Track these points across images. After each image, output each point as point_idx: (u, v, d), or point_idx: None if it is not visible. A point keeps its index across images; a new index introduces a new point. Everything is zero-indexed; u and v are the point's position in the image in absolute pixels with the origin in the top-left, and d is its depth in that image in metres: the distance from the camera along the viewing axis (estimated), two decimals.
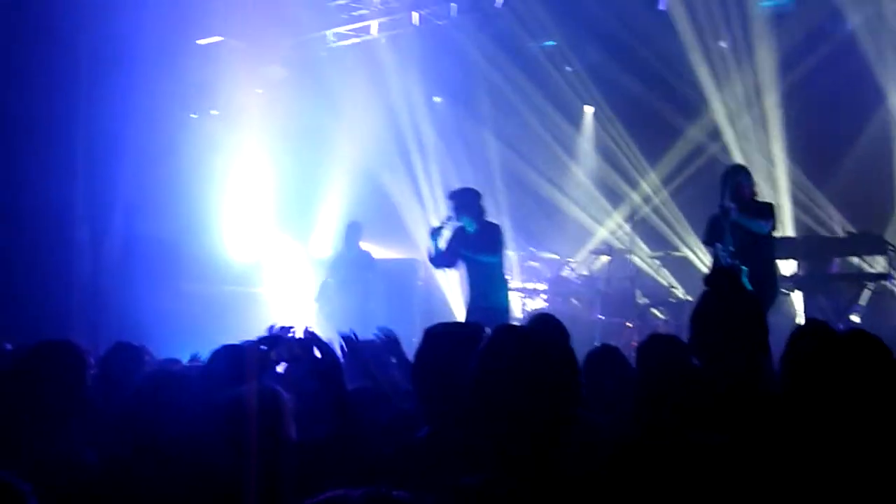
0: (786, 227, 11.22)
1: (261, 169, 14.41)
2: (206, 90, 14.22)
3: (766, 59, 12.14)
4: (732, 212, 7.94)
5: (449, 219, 8.56)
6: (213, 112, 14.40)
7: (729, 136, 12.57)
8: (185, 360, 5.31)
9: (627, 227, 12.83)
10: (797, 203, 11.84)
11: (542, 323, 4.84)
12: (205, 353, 4.51)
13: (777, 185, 11.92)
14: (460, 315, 9.64)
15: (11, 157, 10.49)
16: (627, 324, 11.47)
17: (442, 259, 8.76)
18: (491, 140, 14.53)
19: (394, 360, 4.89)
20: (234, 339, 4.93)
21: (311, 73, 14.47)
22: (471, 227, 8.53)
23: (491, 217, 8.86)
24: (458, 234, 8.63)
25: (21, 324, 8.48)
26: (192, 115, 14.05)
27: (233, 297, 12.38)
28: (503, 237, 8.81)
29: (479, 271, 8.60)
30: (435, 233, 8.61)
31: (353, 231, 11.50)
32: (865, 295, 10.35)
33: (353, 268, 11.22)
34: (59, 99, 10.97)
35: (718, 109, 12.70)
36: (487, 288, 8.51)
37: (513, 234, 13.65)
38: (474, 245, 8.52)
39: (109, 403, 4.38)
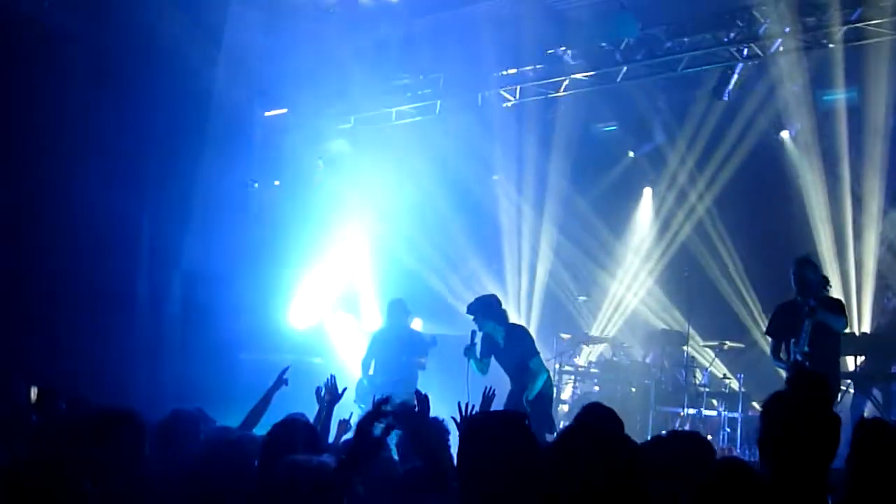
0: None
1: (320, 240, 14.59)
2: (270, 161, 14.51)
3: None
4: (818, 311, 7.86)
5: (474, 333, 8.62)
6: (276, 183, 14.66)
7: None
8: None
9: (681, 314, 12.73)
10: None
11: (594, 415, 4.73)
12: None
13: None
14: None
15: (80, 216, 10.72)
16: (680, 413, 11.30)
17: (483, 370, 8.82)
18: (546, 221, 14.57)
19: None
20: (289, 408, 5.02)
21: (372, 148, 14.70)
22: (497, 334, 8.62)
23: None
24: (488, 342, 8.73)
25: (81, 382, 8.60)
26: (255, 185, 14.30)
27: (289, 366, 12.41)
28: (530, 336, 8.91)
29: (513, 371, 8.71)
30: (468, 351, 8.66)
31: (396, 308, 10.95)
32: None
33: (395, 346, 10.65)
34: (129, 164, 11.23)
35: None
36: (525, 383, 8.52)
37: (565, 317, 13.66)
38: (505, 353, 8.66)
39: (167, 469, 4.44)
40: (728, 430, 10.94)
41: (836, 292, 9.64)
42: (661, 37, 11.79)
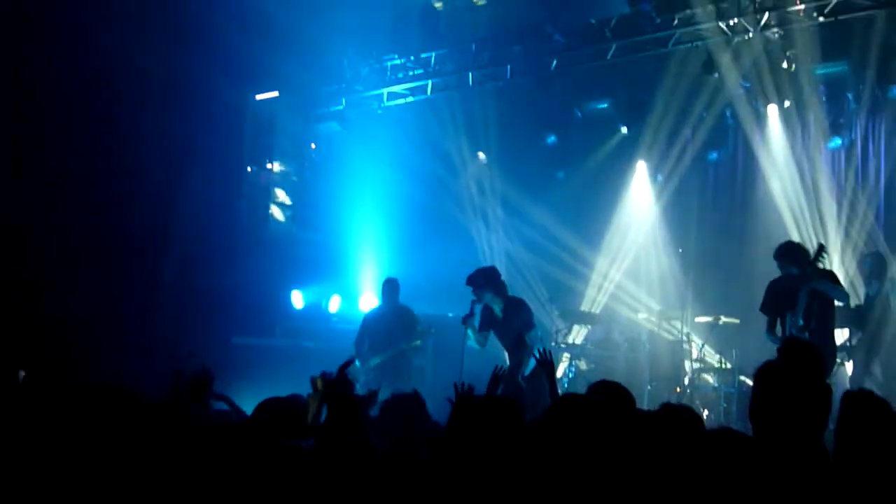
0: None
1: (314, 224, 14.59)
2: (263, 144, 14.49)
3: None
4: (815, 279, 7.87)
5: (473, 303, 8.60)
6: (269, 165, 14.64)
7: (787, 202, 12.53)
8: None
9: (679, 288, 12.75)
10: None
11: (605, 393, 4.70)
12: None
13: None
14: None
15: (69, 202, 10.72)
16: (676, 389, 11.33)
17: (481, 342, 8.87)
18: (535, 197, 14.55)
19: None
20: (281, 391, 5.03)
21: (364, 130, 14.69)
22: (497, 306, 8.60)
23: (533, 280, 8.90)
24: (487, 315, 8.71)
25: (75, 370, 8.59)
26: (249, 168, 14.28)
27: (283, 351, 12.41)
28: (529, 310, 8.86)
29: (511, 344, 8.71)
30: (466, 321, 8.63)
31: (389, 288, 11.16)
32: None
33: (390, 325, 10.84)
34: (119, 147, 11.22)
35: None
36: (521, 358, 8.51)
37: (561, 293, 13.65)
38: (503, 326, 8.68)
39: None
40: (724, 405, 10.96)
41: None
42: (651, 13, 11.77)
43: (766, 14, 11.19)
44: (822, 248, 8.20)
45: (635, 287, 13.95)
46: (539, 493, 2.79)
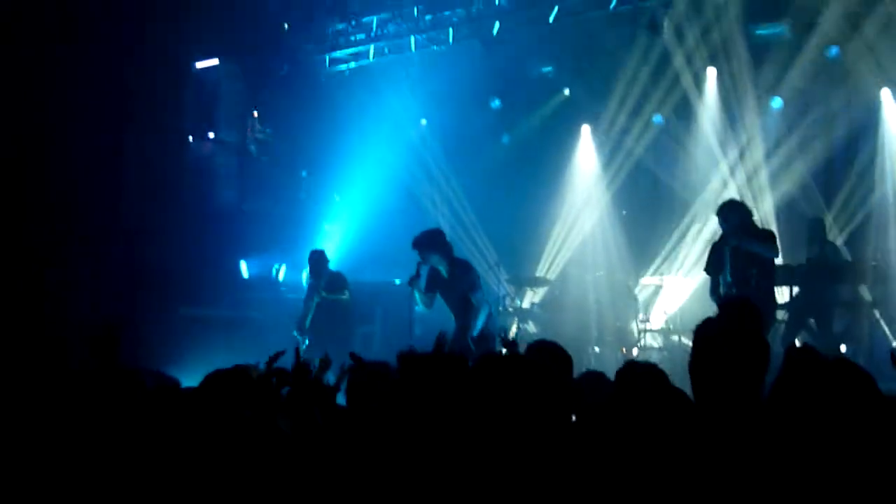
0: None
1: (259, 193, 14.47)
2: (204, 114, 14.28)
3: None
4: (732, 238, 7.98)
5: (419, 265, 8.64)
6: (211, 135, 14.44)
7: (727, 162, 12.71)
8: None
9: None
10: None
11: (542, 352, 4.78)
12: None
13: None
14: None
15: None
16: (622, 350, 11.49)
17: (427, 304, 8.89)
18: (479, 162, 14.57)
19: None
20: (230, 363, 4.99)
21: (307, 96, 14.55)
22: (443, 268, 8.65)
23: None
24: (433, 277, 8.76)
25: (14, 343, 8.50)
26: (191, 139, 14.08)
27: (231, 322, 12.33)
28: (475, 272, 8.91)
29: (458, 307, 8.72)
30: (413, 282, 8.69)
31: (316, 259, 11.21)
32: (860, 323, 10.44)
33: (323, 294, 10.94)
34: (58, 121, 10.99)
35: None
36: (468, 321, 8.56)
37: (509, 257, 13.70)
38: (450, 288, 8.68)
39: None
40: (669, 366, 11.13)
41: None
42: None
43: None
44: (748, 213, 8.33)
45: (582, 250, 14.05)
46: (471, 448, 2.84)
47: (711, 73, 12.90)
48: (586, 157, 14.65)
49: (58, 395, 4.00)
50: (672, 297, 12.22)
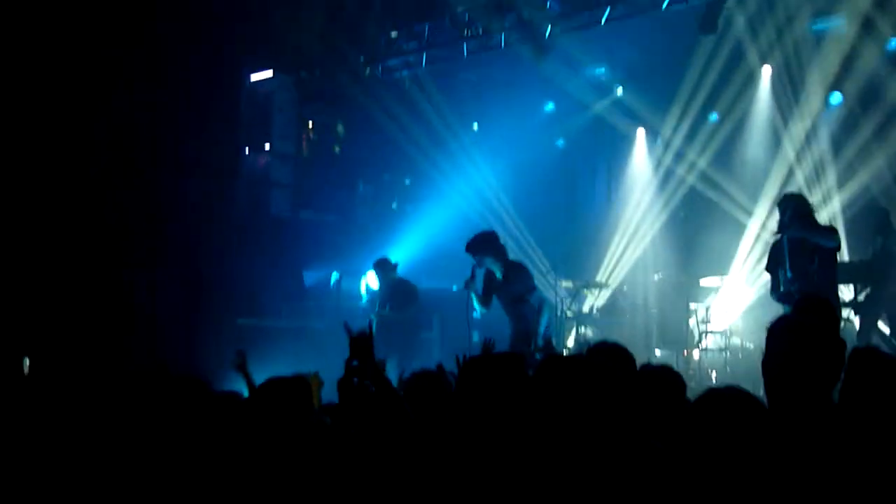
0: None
1: (315, 203, 14.56)
2: (259, 125, 14.42)
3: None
4: (791, 229, 7.72)
5: (474, 267, 8.59)
6: (267, 146, 14.57)
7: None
8: None
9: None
10: None
11: (604, 353, 4.69)
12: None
13: None
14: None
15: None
16: (684, 352, 11.35)
17: (485, 306, 8.85)
18: (534, 166, 14.50)
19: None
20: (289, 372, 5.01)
21: (360, 106, 14.58)
22: (497, 270, 8.59)
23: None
24: (489, 279, 8.71)
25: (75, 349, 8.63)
26: (247, 151, 14.22)
27: (290, 332, 12.40)
28: (529, 273, 8.88)
29: (513, 310, 8.70)
30: (468, 285, 8.65)
31: (381, 267, 11.18)
32: None
33: (389, 302, 10.89)
34: (115, 137, 11.16)
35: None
36: (528, 323, 8.51)
37: (565, 262, 13.61)
38: (505, 290, 8.65)
39: None
40: (730, 368, 10.98)
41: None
42: None
43: None
44: (806, 206, 8.07)
45: (642, 253, 13.92)
46: (531, 448, 2.81)
47: (766, 70, 12.71)
48: (641, 158, 14.51)
49: (124, 396, 4.05)
50: (733, 297, 12.02)
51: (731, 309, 11.93)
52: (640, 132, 14.42)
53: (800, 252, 7.73)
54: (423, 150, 14.32)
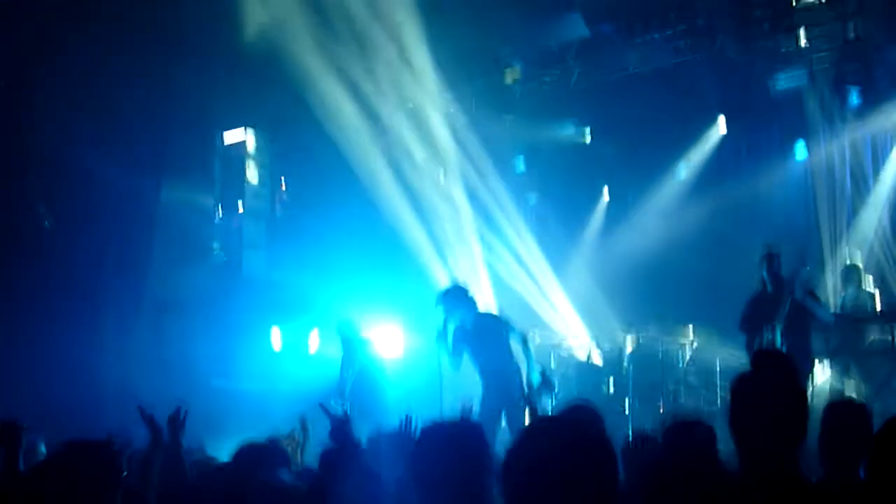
0: None
1: (288, 261, 14.47)
2: (232, 185, 14.37)
3: None
4: (799, 290, 7.94)
5: (446, 321, 8.56)
6: (240, 207, 14.51)
7: None
8: None
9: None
10: None
11: (578, 412, 4.65)
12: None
13: None
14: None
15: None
16: (661, 408, 11.30)
17: (456, 363, 8.73)
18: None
19: None
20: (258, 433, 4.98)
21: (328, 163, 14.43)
22: (467, 323, 8.55)
23: None
24: (460, 333, 8.66)
25: (52, 422, 8.49)
26: (220, 214, 14.15)
27: (258, 395, 12.25)
28: (502, 319, 8.92)
29: (489, 363, 8.58)
30: (440, 338, 8.58)
31: (345, 328, 10.80)
32: None
33: (361, 362, 10.51)
34: (93, 198, 11.17)
35: None
36: (512, 374, 8.46)
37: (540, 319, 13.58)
38: (484, 337, 8.56)
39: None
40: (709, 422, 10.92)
41: None
42: (613, 36, 11.86)
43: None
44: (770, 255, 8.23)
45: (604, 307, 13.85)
46: None
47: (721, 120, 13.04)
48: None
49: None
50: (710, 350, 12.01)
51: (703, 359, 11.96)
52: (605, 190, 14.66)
53: (794, 314, 7.89)
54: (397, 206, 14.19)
